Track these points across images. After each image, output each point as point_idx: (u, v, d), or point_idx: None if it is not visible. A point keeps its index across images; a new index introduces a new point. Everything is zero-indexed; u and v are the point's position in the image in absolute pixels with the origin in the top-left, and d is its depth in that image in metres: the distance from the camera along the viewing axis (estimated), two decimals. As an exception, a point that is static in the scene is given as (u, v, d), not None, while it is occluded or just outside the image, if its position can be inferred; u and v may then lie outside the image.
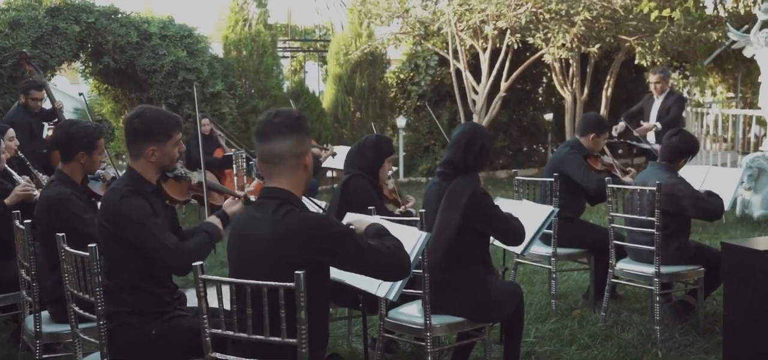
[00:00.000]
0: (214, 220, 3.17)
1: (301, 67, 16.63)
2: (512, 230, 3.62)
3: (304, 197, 2.70)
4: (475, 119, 10.99)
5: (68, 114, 10.89)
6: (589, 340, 4.45)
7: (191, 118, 9.87)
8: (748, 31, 8.83)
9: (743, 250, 3.43)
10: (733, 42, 8.88)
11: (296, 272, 2.19)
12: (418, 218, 3.37)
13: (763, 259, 3.24)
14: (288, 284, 2.21)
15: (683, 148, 4.54)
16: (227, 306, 2.39)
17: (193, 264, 2.41)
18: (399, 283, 3.09)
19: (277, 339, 2.31)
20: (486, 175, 13.15)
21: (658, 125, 7.66)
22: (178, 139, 3.02)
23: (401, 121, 12.65)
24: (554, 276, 4.99)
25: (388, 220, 3.45)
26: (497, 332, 4.13)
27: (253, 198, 4.02)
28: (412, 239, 3.16)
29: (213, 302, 2.41)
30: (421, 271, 3.36)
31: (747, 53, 8.93)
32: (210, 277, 2.35)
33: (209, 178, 8.43)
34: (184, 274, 2.81)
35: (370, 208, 3.64)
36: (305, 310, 2.23)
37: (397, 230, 3.27)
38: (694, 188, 4.46)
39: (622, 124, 7.86)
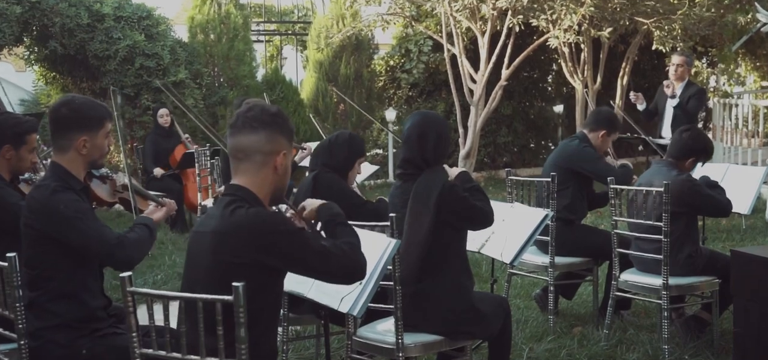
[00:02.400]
0: (149, 212, 3.24)
1: (278, 52, 16.63)
2: (481, 212, 3.63)
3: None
4: (473, 111, 11.01)
5: (14, 107, 10.90)
6: (589, 361, 4.47)
7: (150, 111, 9.88)
8: (779, 12, 8.87)
9: (754, 259, 3.46)
10: (764, 24, 8.93)
11: (234, 284, 2.20)
12: (388, 223, 3.38)
13: (776, 269, 3.27)
14: (226, 298, 2.22)
15: (694, 146, 4.58)
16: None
17: (126, 270, 2.44)
18: (364, 297, 3.10)
19: (214, 360, 2.32)
20: (487, 174, 13.20)
21: (644, 103, 7.83)
22: (108, 130, 3.06)
23: (391, 114, 12.67)
24: (552, 288, 5.01)
25: (353, 224, 3.48)
26: (485, 353, 4.14)
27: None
28: (379, 247, 3.18)
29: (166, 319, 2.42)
30: (392, 283, 3.37)
31: (778, 37, 8.98)
32: (139, 290, 2.36)
33: (169, 179, 8.44)
34: (130, 268, 2.84)
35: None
36: (245, 326, 2.23)
37: (365, 237, 3.30)
38: (704, 189, 4.50)
39: (641, 100, 7.98)
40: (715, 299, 4.54)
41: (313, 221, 2.91)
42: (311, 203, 2.92)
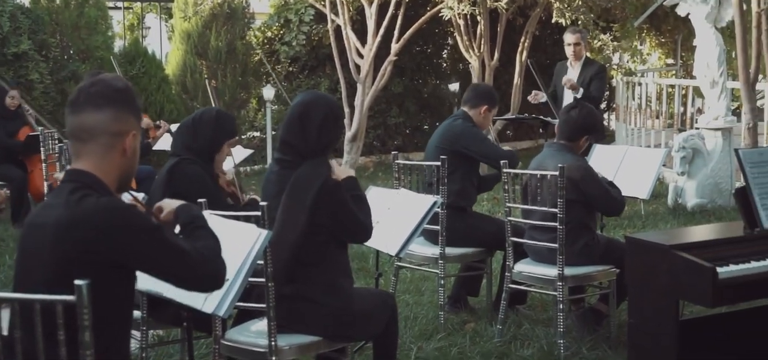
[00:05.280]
0: None
1: (139, 21, 16.24)
2: (362, 226, 3.68)
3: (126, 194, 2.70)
4: (360, 89, 11.08)
5: None
6: (481, 359, 4.61)
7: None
8: (682, -16, 9.31)
9: (648, 245, 3.65)
10: (666, -3, 9.38)
11: (77, 282, 2.16)
12: (260, 213, 3.39)
13: (670, 257, 3.46)
14: (68, 298, 2.19)
15: (585, 123, 4.77)
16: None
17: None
18: (231, 296, 3.10)
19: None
20: (377, 159, 13.34)
21: (581, 90, 7.94)
22: None
23: (269, 92, 12.58)
24: (442, 282, 5.13)
25: (224, 215, 3.47)
26: (370, 353, 4.21)
27: None
28: (248, 239, 3.19)
29: None
30: (263, 280, 3.38)
31: (681, 11, 9.45)
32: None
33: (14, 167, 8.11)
34: None
35: (200, 201, 3.63)
36: (90, 330, 2.20)
37: (231, 228, 3.30)
38: (599, 178, 4.70)
39: (542, 95, 8.10)
40: (612, 289, 4.77)
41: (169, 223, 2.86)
42: (169, 204, 2.85)
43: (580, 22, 10.43)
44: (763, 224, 3.66)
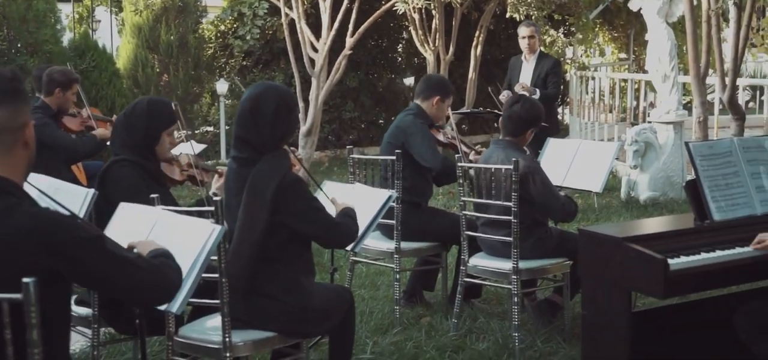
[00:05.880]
0: None
1: (89, 14, 16.03)
2: (336, 229, 3.67)
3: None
4: (314, 84, 11.05)
5: None
6: (437, 353, 4.64)
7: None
8: (633, -21, 9.45)
9: (601, 237, 3.70)
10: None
11: (24, 280, 2.12)
12: (213, 208, 3.37)
13: (622, 249, 3.51)
14: (14, 296, 2.15)
15: (528, 116, 4.81)
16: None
17: None
18: (185, 291, 3.06)
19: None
20: (332, 154, 13.33)
21: (538, 92, 7.97)
22: None
23: (222, 86, 12.53)
24: (398, 276, 5.15)
25: (173, 210, 3.45)
26: (325, 349, 4.21)
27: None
28: (202, 234, 3.16)
29: None
30: (217, 275, 3.36)
31: (633, 6, 9.59)
32: None
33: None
34: None
35: (153, 196, 3.60)
36: (38, 328, 2.17)
37: (185, 224, 3.27)
38: (550, 182, 4.72)
39: (506, 94, 8.13)
40: (566, 282, 4.82)
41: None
42: (145, 246, 2.79)
43: (533, 17, 10.52)
44: (713, 216, 3.73)
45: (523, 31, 8.17)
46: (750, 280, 4.03)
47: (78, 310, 3.93)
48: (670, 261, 3.39)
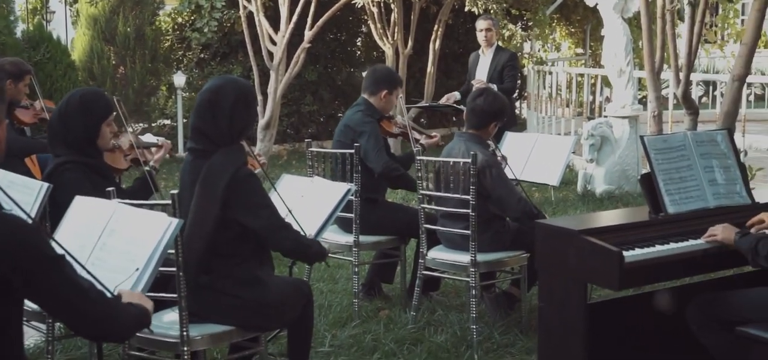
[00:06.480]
0: None
1: (43, 5, 15.80)
2: (286, 230, 3.60)
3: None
4: (273, 77, 11.02)
5: None
6: (395, 345, 4.66)
7: None
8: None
9: (557, 230, 3.74)
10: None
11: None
12: (170, 202, 3.34)
13: (578, 242, 3.55)
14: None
15: (491, 109, 4.83)
16: None
17: None
18: (141, 285, 3.05)
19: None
20: (291, 147, 13.28)
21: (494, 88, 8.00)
22: None
23: (180, 79, 12.42)
24: (356, 270, 5.15)
25: (130, 204, 3.41)
26: (284, 342, 4.21)
27: None
28: (159, 227, 3.14)
29: None
30: (174, 269, 3.34)
31: (589, 1, 9.69)
32: None
33: None
34: None
35: (108, 189, 3.56)
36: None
37: (142, 217, 3.24)
38: (507, 177, 4.75)
39: (455, 95, 8.19)
40: (523, 274, 4.87)
41: None
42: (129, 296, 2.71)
43: (492, 11, 10.58)
44: (667, 209, 3.78)
45: (481, 24, 8.22)
46: (702, 272, 4.11)
47: (32, 304, 3.87)
48: (625, 253, 3.43)
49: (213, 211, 3.43)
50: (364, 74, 14.24)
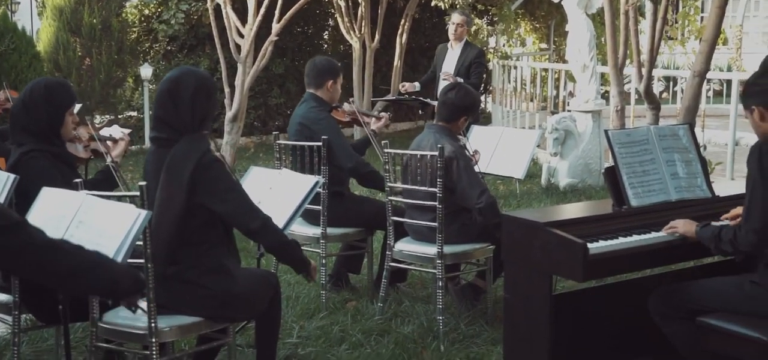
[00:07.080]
0: None
1: (8, -5, 15.58)
2: (255, 212, 3.60)
3: None
4: (240, 69, 10.95)
5: None
6: (363, 336, 4.67)
7: None
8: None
9: (523, 222, 3.77)
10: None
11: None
12: (138, 193, 3.32)
13: (543, 234, 3.58)
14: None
15: (462, 104, 4.86)
16: None
17: None
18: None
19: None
20: (258, 140, 13.22)
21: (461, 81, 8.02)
22: None
23: (147, 71, 12.31)
24: (324, 261, 5.15)
25: (98, 195, 3.39)
26: (252, 333, 4.20)
27: None
28: (128, 219, 3.12)
29: None
30: (142, 261, 3.31)
31: (553, -3, 9.75)
32: None
33: None
34: None
35: (76, 180, 3.53)
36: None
37: (110, 209, 3.22)
38: (474, 171, 4.76)
39: (415, 85, 8.23)
40: (489, 266, 4.89)
41: None
42: None
43: (458, 5, 10.61)
44: (631, 202, 3.83)
45: (456, 17, 8.28)
46: (663, 263, 4.17)
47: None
48: (589, 245, 3.47)
49: (179, 198, 3.42)
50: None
